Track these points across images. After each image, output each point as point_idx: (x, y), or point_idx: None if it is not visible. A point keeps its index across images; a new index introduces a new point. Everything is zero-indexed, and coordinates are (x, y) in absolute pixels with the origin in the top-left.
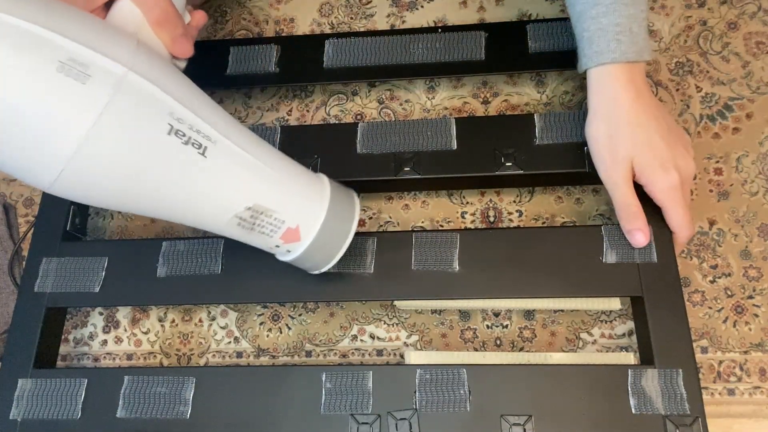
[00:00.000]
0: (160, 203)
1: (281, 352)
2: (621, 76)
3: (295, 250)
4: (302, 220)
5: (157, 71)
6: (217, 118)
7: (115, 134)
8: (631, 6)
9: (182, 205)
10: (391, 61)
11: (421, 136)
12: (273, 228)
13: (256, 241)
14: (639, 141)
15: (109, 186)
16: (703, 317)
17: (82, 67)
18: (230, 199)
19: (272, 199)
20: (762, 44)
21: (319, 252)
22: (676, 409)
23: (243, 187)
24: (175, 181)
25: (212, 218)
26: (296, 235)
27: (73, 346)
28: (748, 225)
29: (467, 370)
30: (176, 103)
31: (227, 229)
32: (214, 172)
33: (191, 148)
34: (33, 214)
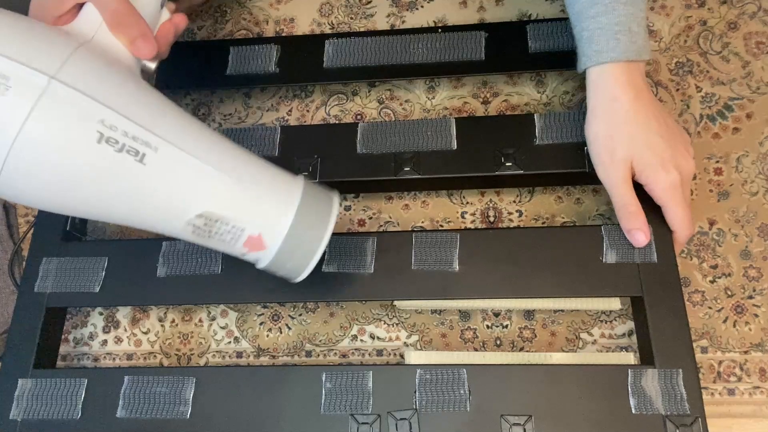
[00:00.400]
0: (105, 209)
1: (281, 352)
2: (620, 76)
3: (263, 258)
4: (265, 227)
5: (91, 78)
6: (165, 123)
7: (39, 143)
8: (630, 5)
9: (127, 212)
10: (391, 61)
11: (421, 136)
12: (232, 236)
13: (219, 248)
14: (638, 140)
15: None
16: (703, 317)
17: (3, 78)
18: (177, 206)
19: (226, 206)
20: (762, 44)
21: (290, 259)
22: (676, 409)
23: (190, 194)
24: (114, 189)
25: (166, 225)
26: (260, 243)
27: (73, 346)
28: (748, 225)
29: (467, 370)
30: (108, 110)
31: (184, 236)
32: (155, 179)
33: (126, 156)
34: (33, 214)
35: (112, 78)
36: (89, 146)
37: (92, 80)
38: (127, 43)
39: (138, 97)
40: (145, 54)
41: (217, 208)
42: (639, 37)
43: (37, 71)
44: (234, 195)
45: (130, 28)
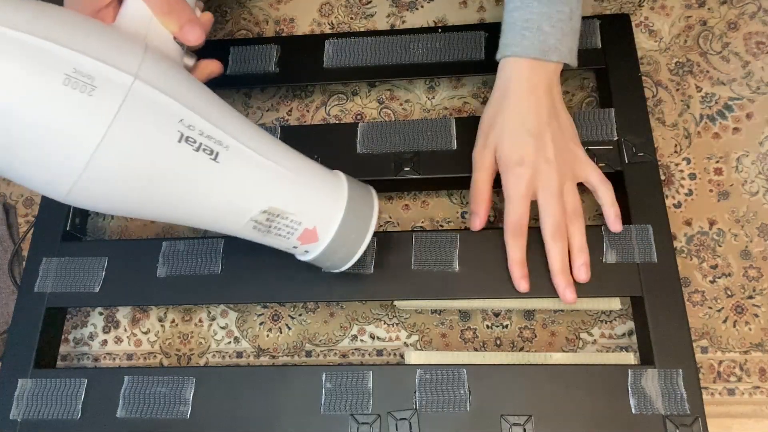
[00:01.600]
0: (174, 210)
1: (281, 352)
2: (522, 71)
3: (313, 250)
4: (319, 220)
5: (166, 77)
6: (230, 122)
7: (125, 145)
8: (545, 4)
9: (197, 211)
10: (391, 61)
11: (421, 136)
12: (290, 230)
13: (273, 243)
14: (507, 131)
15: (122, 195)
16: (703, 317)
17: (88, 78)
18: (245, 203)
19: (288, 201)
20: (762, 44)
21: (338, 251)
22: (676, 409)
23: (257, 190)
24: (188, 189)
25: (228, 223)
26: (314, 236)
27: (73, 346)
28: (748, 225)
29: (467, 370)
30: (186, 110)
31: (243, 232)
32: (227, 177)
33: (203, 155)
34: (33, 214)
35: (181, 76)
36: (170, 146)
37: (168, 79)
38: (176, 30)
39: (205, 96)
40: (194, 39)
41: (279, 203)
42: (551, 37)
43: (121, 70)
44: (294, 189)
45: (180, 13)
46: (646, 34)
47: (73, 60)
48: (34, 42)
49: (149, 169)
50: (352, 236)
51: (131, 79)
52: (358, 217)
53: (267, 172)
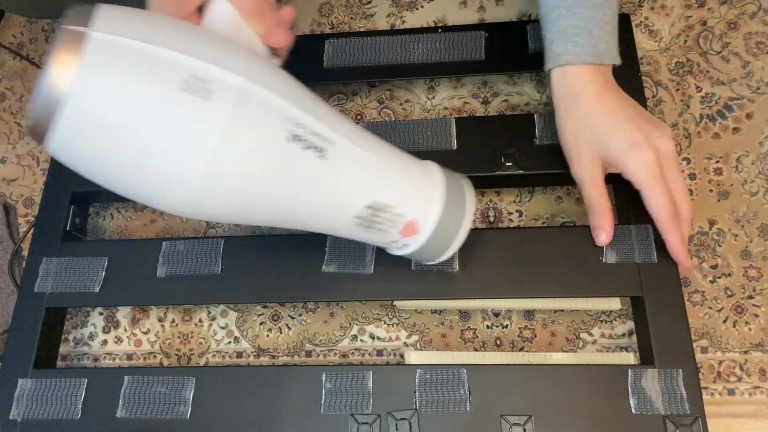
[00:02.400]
0: (281, 211)
1: (281, 352)
2: (581, 76)
3: (413, 242)
4: (420, 212)
5: (272, 77)
6: (332, 118)
7: (240, 147)
8: (591, 9)
9: (304, 210)
10: (391, 61)
11: (421, 136)
12: (392, 223)
13: (374, 239)
14: (601, 132)
15: (233, 200)
16: (703, 317)
17: (204, 83)
18: (350, 198)
19: (391, 194)
20: (762, 44)
21: (437, 242)
22: (676, 409)
23: (362, 185)
24: (296, 187)
25: (332, 221)
26: (414, 228)
27: (73, 346)
28: (748, 225)
29: (467, 370)
30: (294, 108)
31: (346, 230)
32: (333, 173)
33: (310, 153)
34: (33, 214)
35: (284, 75)
36: (280, 146)
37: (273, 78)
38: (263, 32)
39: (307, 93)
40: (281, 41)
41: (383, 197)
42: (600, 40)
43: (232, 72)
44: (395, 182)
45: (266, 15)
46: (646, 34)
47: (189, 65)
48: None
49: (261, 170)
50: (451, 226)
51: (242, 80)
52: (456, 205)
53: (370, 166)
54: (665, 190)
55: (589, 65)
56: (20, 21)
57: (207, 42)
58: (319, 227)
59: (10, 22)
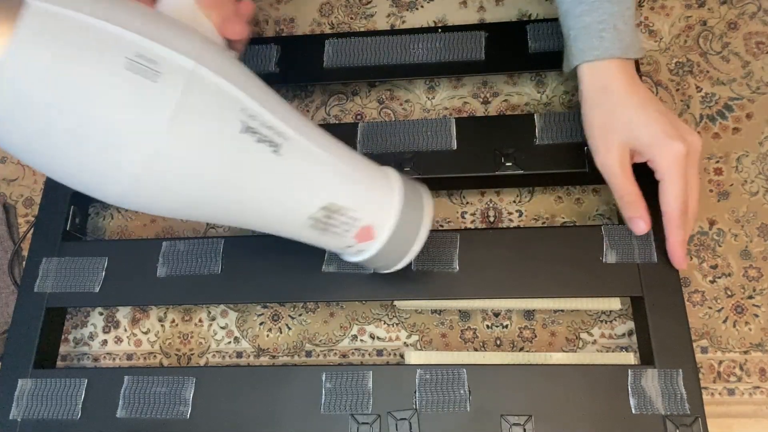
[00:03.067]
0: (229, 207)
1: (281, 352)
2: (610, 70)
3: (368, 248)
4: (376, 217)
5: (226, 64)
6: (288, 114)
7: (188, 135)
8: (615, 3)
9: (255, 208)
10: (391, 61)
11: (421, 136)
12: (347, 227)
13: (329, 243)
14: (634, 122)
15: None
16: (703, 317)
17: (151, 63)
18: (305, 198)
19: (346, 196)
20: (762, 44)
21: (393, 249)
22: (676, 409)
23: (318, 185)
24: (247, 182)
25: (285, 221)
26: (370, 233)
27: (73, 346)
28: (748, 225)
29: (467, 370)
30: (248, 98)
31: (300, 232)
32: (288, 170)
33: (264, 146)
34: (33, 214)
35: (239, 66)
36: (232, 137)
37: (227, 66)
38: (219, 22)
39: (262, 86)
40: (236, 33)
41: (338, 199)
42: (626, 35)
43: (183, 55)
44: (351, 185)
45: (223, 7)
46: (646, 34)
47: (136, 43)
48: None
49: (210, 161)
50: (409, 233)
51: (194, 64)
52: (414, 213)
53: (326, 166)
54: (685, 186)
55: (616, 60)
56: None
57: (158, 22)
58: (270, 227)
59: None
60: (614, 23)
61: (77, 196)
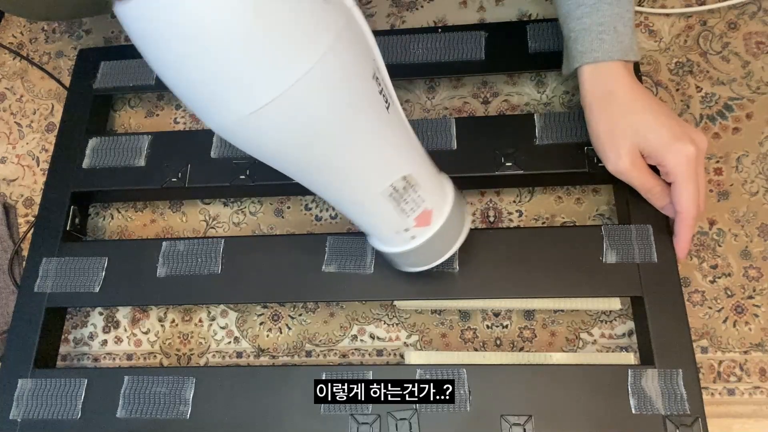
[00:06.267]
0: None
1: (281, 352)
2: (611, 73)
3: (421, 235)
4: (436, 203)
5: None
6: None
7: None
8: (615, 5)
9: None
10: (391, 61)
11: (421, 136)
12: (414, 205)
13: (392, 221)
14: (642, 126)
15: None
16: (703, 317)
17: None
18: (396, 162)
19: (423, 174)
20: (762, 44)
21: (440, 242)
22: (676, 409)
23: (406, 153)
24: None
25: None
26: (428, 218)
27: (73, 346)
28: (748, 225)
29: (467, 370)
30: (376, 51)
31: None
32: (391, 129)
33: (382, 99)
34: (33, 214)
35: None
36: (367, 79)
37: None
38: None
39: None
40: None
41: (417, 174)
42: (625, 37)
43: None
44: (426, 166)
45: None
46: (646, 34)
47: None
48: None
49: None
50: (456, 227)
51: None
52: (460, 211)
53: (412, 139)
54: (698, 186)
55: (616, 62)
56: (20, 21)
57: None
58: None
59: (10, 22)
60: (614, 25)
61: (77, 196)
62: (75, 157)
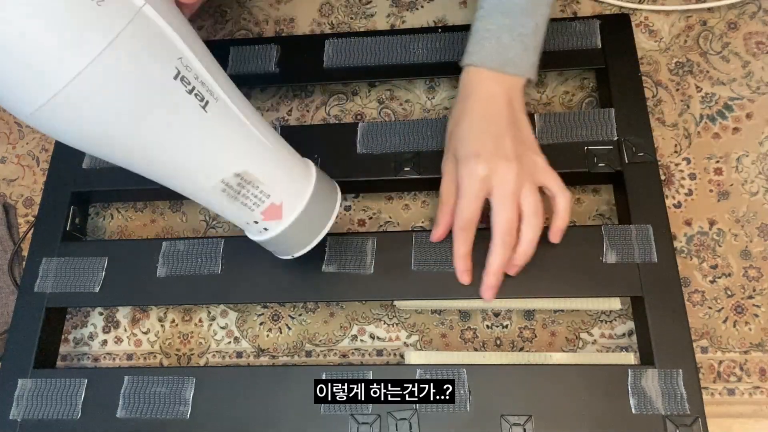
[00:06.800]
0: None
1: (281, 352)
2: (481, 81)
3: (273, 228)
4: (287, 198)
5: (171, 12)
6: (222, 78)
7: (122, 65)
8: (507, 16)
9: (171, 158)
10: (391, 61)
11: (421, 136)
12: (257, 200)
13: (235, 214)
14: (462, 134)
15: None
16: (703, 317)
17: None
18: (222, 160)
19: (263, 170)
20: (762, 44)
21: (295, 235)
22: (676, 409)
23: (236, 150)
24: (171, 131)
25: (198, 179)
26: (278, 212)
27: (73, 346)
28: (748, 225)
29: (467, 370)
30: (187, 49)
31: (209, 196)
32: (211, 128)
33: (194, 99)
34: (33, 214)
35: (182, 17)
36: (165, 80)
37: (173, 14)
38: None
39: (201, 44)
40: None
41: (254, 170)
42: (510, 49)
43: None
44: (270, 160)
45: None
46: (646, 34)
47: None
48: None
49: (139, 98)
50: (313, 223)
51: (143, 2)
52: (323, 204)
53: (248, 135)
54: (472, 206)
55: (491, 71)
56: None
57: None
58: (180, 183)
59: None
60: (499, 35)
61: (77, 196)
62: (75, 157)
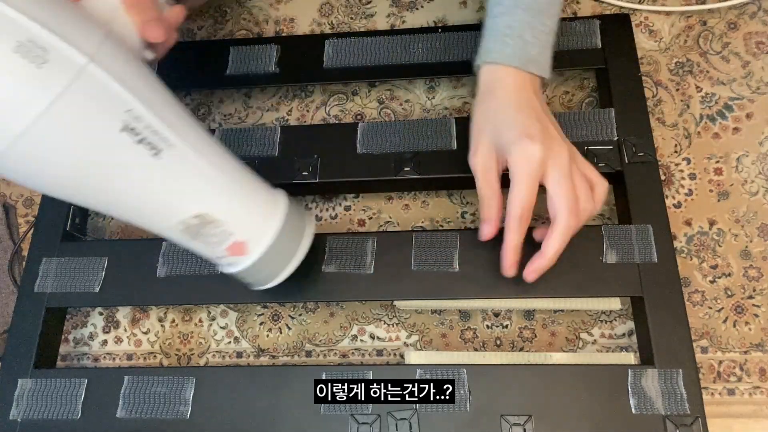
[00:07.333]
0: (102, 199)
1: (281, 352)
2: (504, 78)
3: (238, 263)
4: (252, 235)
5: (122, 66)
6: (178, 121)
7: (64, 124)
8: (528, 14)
9: (125, 204)
10: (391, 61)
11: (421, 136)
12: (219, 239)
13: (200, 250)
14: (502, 121)
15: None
16: (703, 317)
17: (41, 50)
18: (178, 204)
19: (224, 210)
20: (762, 44)
21: (263, 270)
22: (676, 409)
23: (194, 194)
24: (120, 180)
25: (154, 221)
26: (243, 249)
27: (73, 346)
28: (748, 225)
29: (467, 370)
30: (136, 101)
31: (170, 233)
32: (165, 175)
33: (143, 148)
34: (33, 214)
35: (136, 67)
36: (111, 134)
37: (122, 67)
38: (139, 25)
39: (158, 91)
40: (154, 36)
41: (214, 211)
42: (532, 47)
43: (77, 50)
44: (232, 200)
45: (146, 10)
46: (646, 34)
47: (30, 29)
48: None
49: (84, 152)
50: (283, 256)
51: (86, 61)
52: (292, 239)
53: (208, 178)
54: (530, 190)
55: (515, 69)
56: None
57: (62, 13)
58: (142, 224)
59: None
60: (521, 32)
61: None
62: None
